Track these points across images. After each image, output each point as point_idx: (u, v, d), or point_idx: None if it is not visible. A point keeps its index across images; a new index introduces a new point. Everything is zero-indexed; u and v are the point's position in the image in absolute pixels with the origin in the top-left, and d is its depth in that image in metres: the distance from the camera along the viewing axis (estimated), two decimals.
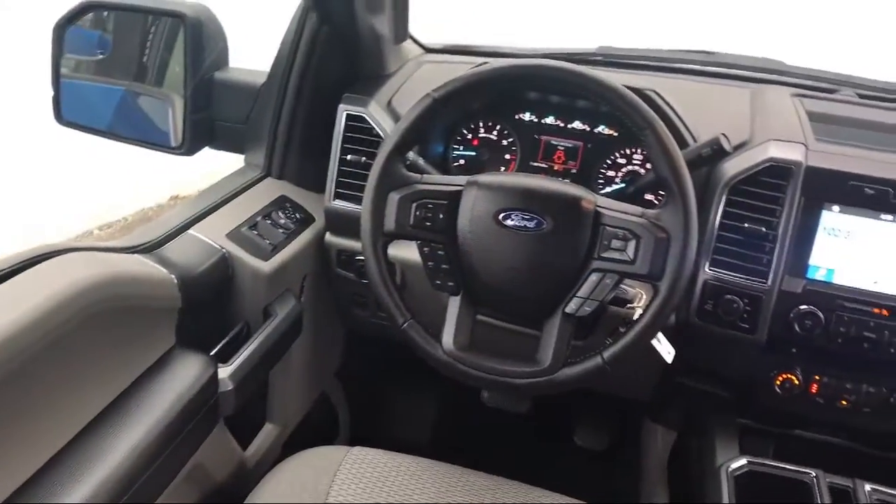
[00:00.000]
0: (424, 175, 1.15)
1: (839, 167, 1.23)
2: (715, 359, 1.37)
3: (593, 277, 1.08)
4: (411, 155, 1.31)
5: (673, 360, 1.30)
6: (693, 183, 1.30)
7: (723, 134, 1.20)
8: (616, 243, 1.07)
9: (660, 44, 1.83)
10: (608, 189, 1.48)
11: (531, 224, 1.08)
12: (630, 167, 1.47)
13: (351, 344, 1.80)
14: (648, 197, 1.43)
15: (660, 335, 1.23)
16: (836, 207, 1.23)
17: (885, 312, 1.21)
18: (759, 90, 1.54)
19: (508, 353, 1.12)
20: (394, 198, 1.12)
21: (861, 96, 1.61)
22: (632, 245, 1.06)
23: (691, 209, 1.04)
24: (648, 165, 1.41)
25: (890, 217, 1.21)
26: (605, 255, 1.07)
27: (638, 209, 1.08)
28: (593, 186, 1.48)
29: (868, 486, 1.22)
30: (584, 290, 1.08)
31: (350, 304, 1.58)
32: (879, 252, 1.23)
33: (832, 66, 1.78)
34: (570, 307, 1.09)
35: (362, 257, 1.16)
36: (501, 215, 1.09)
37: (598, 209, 1.08)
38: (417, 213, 1.11)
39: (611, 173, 1.47)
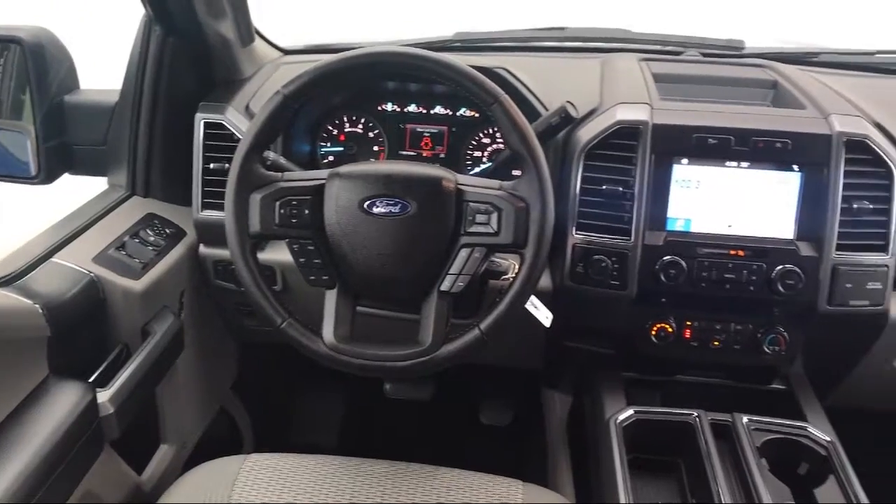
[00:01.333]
0: (285, 173, 1.15)
1: (683, 122, 1.30)
2: (593, 318, 1.42)
3: (463, 253, 1.11)
4: (272, 155, 1.30)
5: (556, 325, 1.34)
6: (552, 152, 1.36)
7: (568, 101, 1.25)
8: (480, 217, 1.10)
9: (525, 24, 1.87)
10: (477, 169, 1.51)
11: (396, 209, 1.10)
12: (495, 146, 1.51)
13: (246, 355, 1.78)
14: (516, 172, 1.47)
15: (536, 301, 1.27)
16: (684, 160, 1.30)
17: (741, 253, 1.28)
18: (609, 59, 1.61)
19: (392, 340, 1.14)
20: (256, 198, 1.11)
21: (704, 55, 1.71)
22: (494, 217, 1.09)
23: (545, 176, 1.08)
24: None
25: (734, 163, 1.29)
26: (471, 230, 1.10)
27: (496, 183, 1.12)
28: (462, 168, 1.52)
29: (745, 418, 1.30)
30: (455, 267, 1.11)
31: (236, 314, 1.56)
32: (729, 197, 1.30)
33: (679, 29, 1.87)
34: (445, 285, 1.11)
35: None
36: (366, 203, 1.10)
37: (460, 187, 1.11)
38: (282, 211, 1.11)
39: (477, 154, 1.51)
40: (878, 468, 1.40)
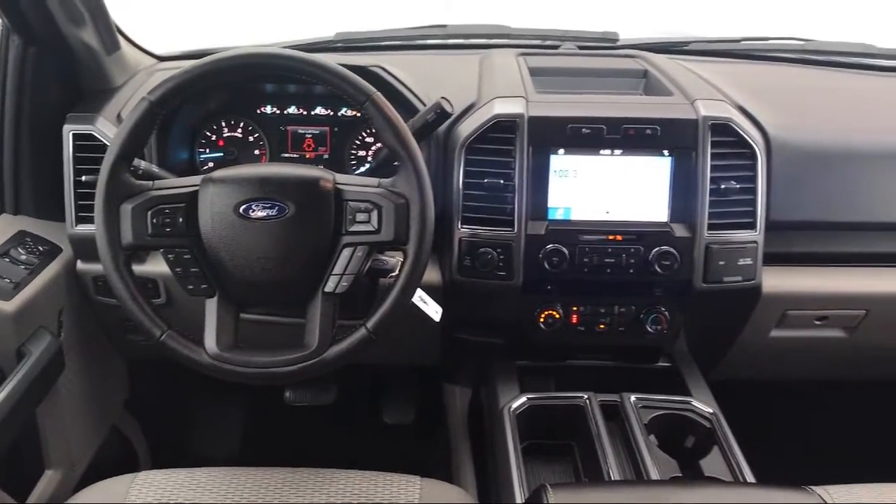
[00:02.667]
0: (157, 181, 1.12)
1: (557, 113, 1.33)
2: (484, 310, 1.44)
3: (345, 253, 1.10)
4: (143, 164, 1.27)
5: (448, 318, 1.36)
6: (434, 148, 1.37)
7: (443, 98, 1.26)
8: (360, 216, 1.09)
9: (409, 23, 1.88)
10: (362, 168, 1.51)
11: (273, 211, 1.08)
12: (378, 145, 1.51)
13: (138, 371, 1.73)
14: None
15: (425, 297, 1.28)
16: (561, 150, 1.33)
17: (619, 238, 1.33)
18: (488, 54, 1.64)
19: (279, 345, 1.12)
20: (126, 209, 1.08)
21: (581, 48, 1.75)
22: (374, 215, 1.09)
23: (422, 172, 1.09)
24: None
25: (608, 151, 1.33)
26: (352, 229, 1.10)
27: (374, 180, 1.12)
28: (347, 168, 1.51)
29: (633, 397, 1.34)
30: (338, 267, 1.10)
31: (120, 331, 1.51)
32: (606, 184, 1.34)
33: (557, 23, 1.91)
34: (329, 286, 1.10)
35: None
36: (242, 207, 1.08)
37: (338, 186, 1.10)
38: (154, 220, 1.08)
39: (362, 153, 1.51)
40: (759, 436, 1.48)
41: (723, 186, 1.32)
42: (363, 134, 1.51)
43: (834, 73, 1.72)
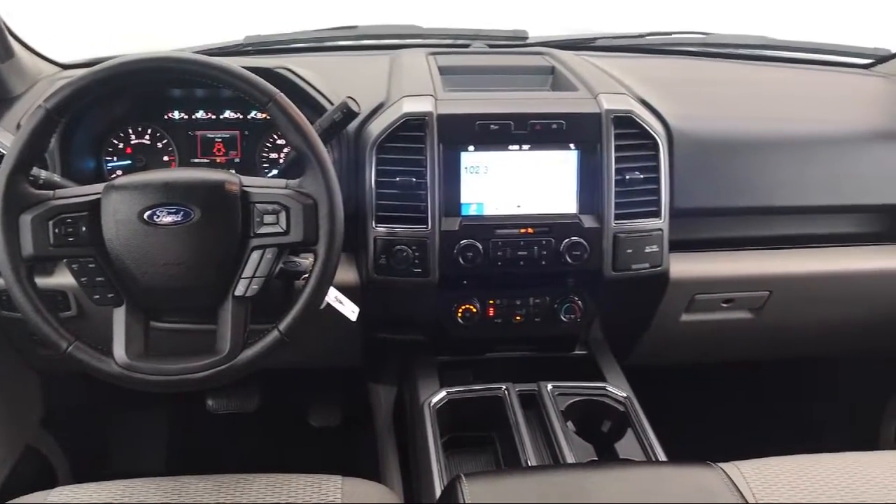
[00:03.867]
0: (58, 190, 1.10)
1: (466, 111, 1.35)
2: (402, 307, 1.45)
3: (254, 255, 1.10)
4: (43, 173, 1.24)
5: (368, 318, 1.36)
6: (345, 148, 1.38)
7: (349, 97, 1.27)
8: (268, 218, 1.09)
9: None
10: (274, 171, 1.50)
11: (179, 217, 1.07)
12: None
13: (53, 387, 1.68)
14: None
15: (341, 297, 1.28)
16: (471, 147, 1.35)
17: (531, 231, 1.36)
18: (398, 54, 1.65)
19: (191, 352, 1.11)
20: (26, 220, 1.05)
21: (491, 46, 1.78)
22: (283, 216, 1.09)
23: (329, 172, 1.09)
24: None
25: (517, 147, 1.36)
26: (260, 231, 1.09)
27: (282, 181, 1.12)
28: (259, 171, 1.50)
29: (550, 385, 1.37)
30: (247, 270, 1.10)
31: (29, 345, 1.47)
32: (516, 179, 1.37)
33: (468, 22, 1.93)
34: (239, 290, 1.10)
35: None
36: (147, 214, 1.07)
37: (245, 189, 1.10)
38: (56, 230, 1.05)
39: (273, 156, 1.50)
40: (675, 417, 1.53)
41: (627, 177, 1.36)
42: (274, 136, 1.50)
43: (733, 65, 1.79)
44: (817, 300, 1.55)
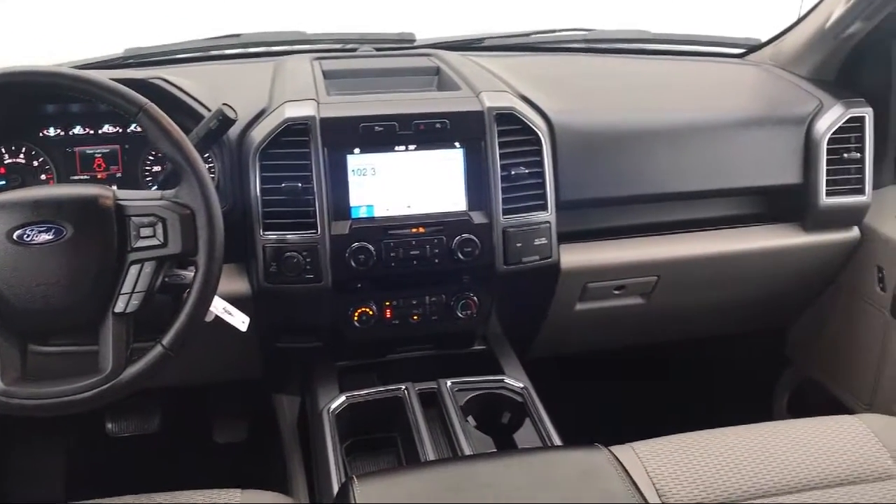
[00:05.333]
0: None
1: (349, 113, 1.35)
2: (297, 315, 1.44)
3: (133, 270, 1.07)
4: None
5: (264, 327, 1.35)
6: (227, 157, 1.36)
7: (225, 104, 1.25)
8: (145, 231, 1.07)
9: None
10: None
11: (50, 235, 1.04)
12: None
13: None
14: None
15: (229, 308, 1.26)
16: (357, 150, 1.35)
17: (422, 230, 1.36)
18: (282, 61, 1.64)
19: (74, 373, 1.08)
20: None
21: (378, 49, 1.78)
22: (160, 228, 1.07)
23: (205, 180, 1.07)
24: None
25: (403, 147, 1.36)
26: (137, 245, 1.07)
27: (157, 193, 1.09)
28: (142, 185, 1.47)
29: (449, 382, 1.39)
30: (126, 286, 1.07)
31: None
32: (404, 180, 1.37)
33: (355, 27, 1.93)
34: (119, 306, 1.07)
35: None
36: (17, 234, 1.03)
37: (119, 203, 1.07)
38: None
39: (157, 168, 1.46)
40: (575, 405, 1.56)
41: (513, 172, 1.38)
42: (157, 149, 1.46)
43: (614, 60, 1.85)
44: (703, 282, 1.62)
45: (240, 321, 1.27)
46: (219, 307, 1.22)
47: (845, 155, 1.56)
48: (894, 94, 1.62)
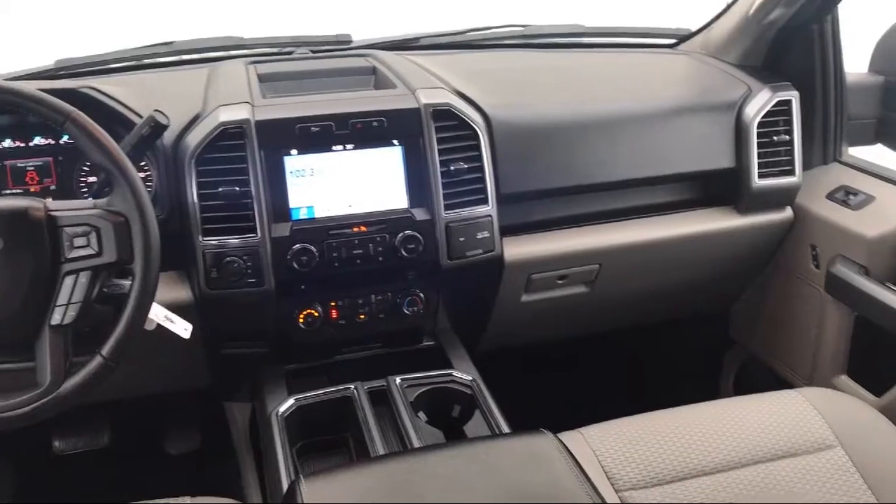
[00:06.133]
0: None
1: (284, 115, 1.35)
2: (242, 320, 1.43)
3: (68, 281, 1.05)
4: None
5: (209, 334, 1.34)
6: (162, 163, 1.34)
7: (156, 110, 1.24)
8: (79, 241, 1.05)
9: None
10: None
11: None
12: None
13: None
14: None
15: (171, 315, 1.25)
16: (294, 151, 1.35)
17: (364, 229, 1.37)
18: (217, 66, 1.62)
19: (9, 389, 1.06)
20: None
21: (314, 51, 1.78)
22: (94, 238, 1.05)
23: (137, 187, 1.06)
24: None
25: (340, 147, 1.37)
26: (71, 255, 1.05)
27: (89, 202, 1.08)
28: (78, 196, 1.44)
29: (398, 379, 1.39)
30: (62, 297, 1.05)
31: None
32: (344, 179, 1.38)
33: (293, 30, 1.93)
34: (55, 318, 1.05)
35: None
36: None
37: (51, 213, 1.05)
38: None
39: (92, 179, 1.44)
40: (527, 395, 1.58)
41: (452, 168, 1.39)
42: None
43: (549, 54, 1.87)
44: (644, 268, 1.65)
45: (182, 328, 1.26)
46: (160, 315, 1.21)
47: (775, 138, 1.61)
48: (819, 77, 1.67)
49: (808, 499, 1.17)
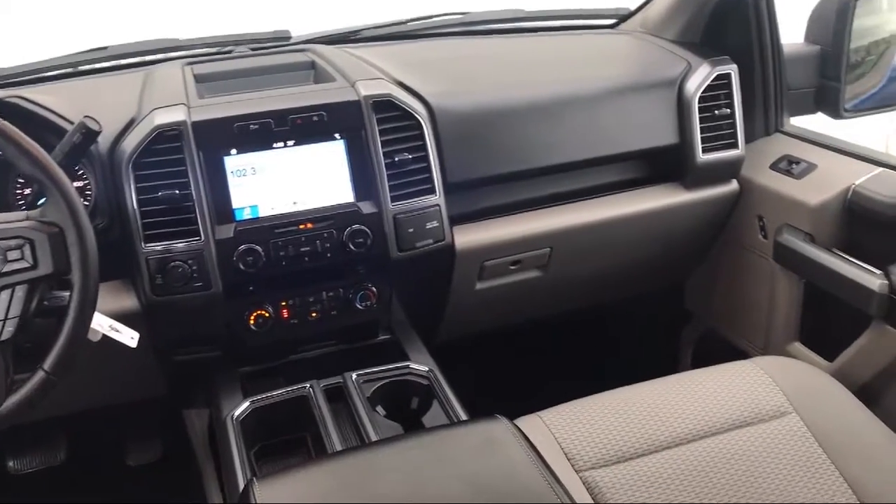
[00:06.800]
0: None
1: (222, 115, 1.33)
2: (192, 325, 1.41)
3: (3, 296, 1.03)
4: None
5: (160, 341, 1.31)
6: (99, 171, 1.32)
7: (87, 116, 1.21)
8: (12, 254, 1.03)
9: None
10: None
11: None
12: None
13: None
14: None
15: (116, 325, 1.22)
16: (234, 151, 1.33)
17: (310, 225, 1.35)
18: (153, 70, 1.59)
19: None
20: None
21: (254, 49, 1.75)
22: (27, 250, 1.03)
23: (69, 194, 1.04)
24: None
25: (281, 144, 1.35)
26: (5, 269, 1.02)
27: (22, 213, 1.05)
28: (15, 208, 1.41)
29: (354, 375, 1.38)
30: None
31: None
32: (287, 176, 1.36)
33: (232, 28, 1.90)
34: None
35: None
36: None
37: None
38: None
39: (28, 191, 1.41)
40: (486, 384, 1.58)
41: (397, 159, 1.38)
42: None
43: (490, 40, 1.87)
44: (596, 248, 1.66)
45: (129, 337, 1.23)
46: (104, 325, 1.18)
47: (716, 112, 1.62)
48: (756, 49, 1.69)
49: (766, 466, 1.19)
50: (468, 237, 1.50)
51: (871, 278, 1.40)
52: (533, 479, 0.96)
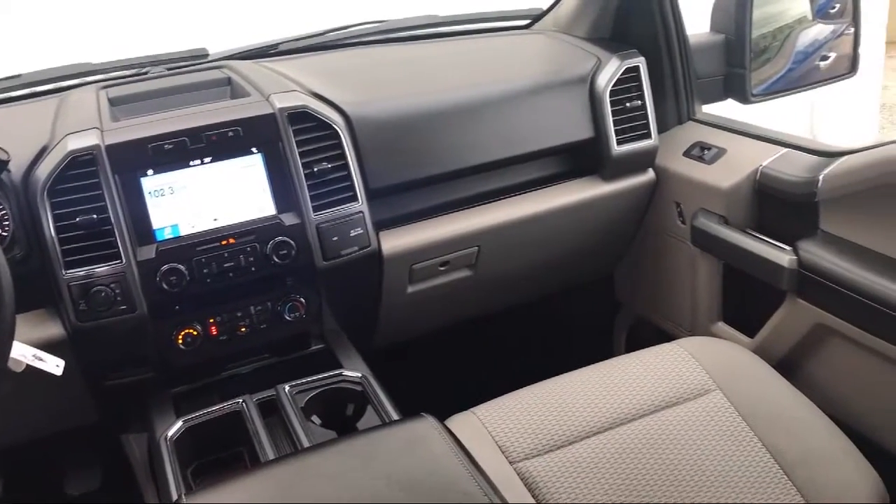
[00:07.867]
0: None
1: (135, 136, 1.32)
2: (121, 349, 1.40)
3: None
4: None
5: (89, 367, 1.30)
6: (14, 200, 1.30)
7: None
8: None
9: None
10: None
11: None
12: None
13: None
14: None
15: (40, 353, 1.21)
16: (150, 171, 1.33)
17: (232, 241, 1.36)
18: (66, 95, 1.58)
19: None
20: None
21: (170, 69, 1.75)
22: None
23: None
24: None
25: (198, 161, 1.35)
26: None
27: None
28: None
29: (287, 386, 1.39)
30: None
31: None
32: (206, 194, 1.36)
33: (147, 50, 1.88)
34: None
35: None
36: None
37: None
38: None
39: None
40: (424, 387, 1.60)
41: (316, 169, 1.40)
42: None
43: (407, 47, 1.89)
44: (522, 244, 1.69)
45: (53, 365, 1.22)
46: (27, 355, 1.17)
47: (628, 104, 1.67)
48: (663, 41, 1.74)
49: (694, 443, 1.23)
50: (395, 241, 1.52)
51: (781, 255, 1.46)
52: (456, 475, 0.98)
